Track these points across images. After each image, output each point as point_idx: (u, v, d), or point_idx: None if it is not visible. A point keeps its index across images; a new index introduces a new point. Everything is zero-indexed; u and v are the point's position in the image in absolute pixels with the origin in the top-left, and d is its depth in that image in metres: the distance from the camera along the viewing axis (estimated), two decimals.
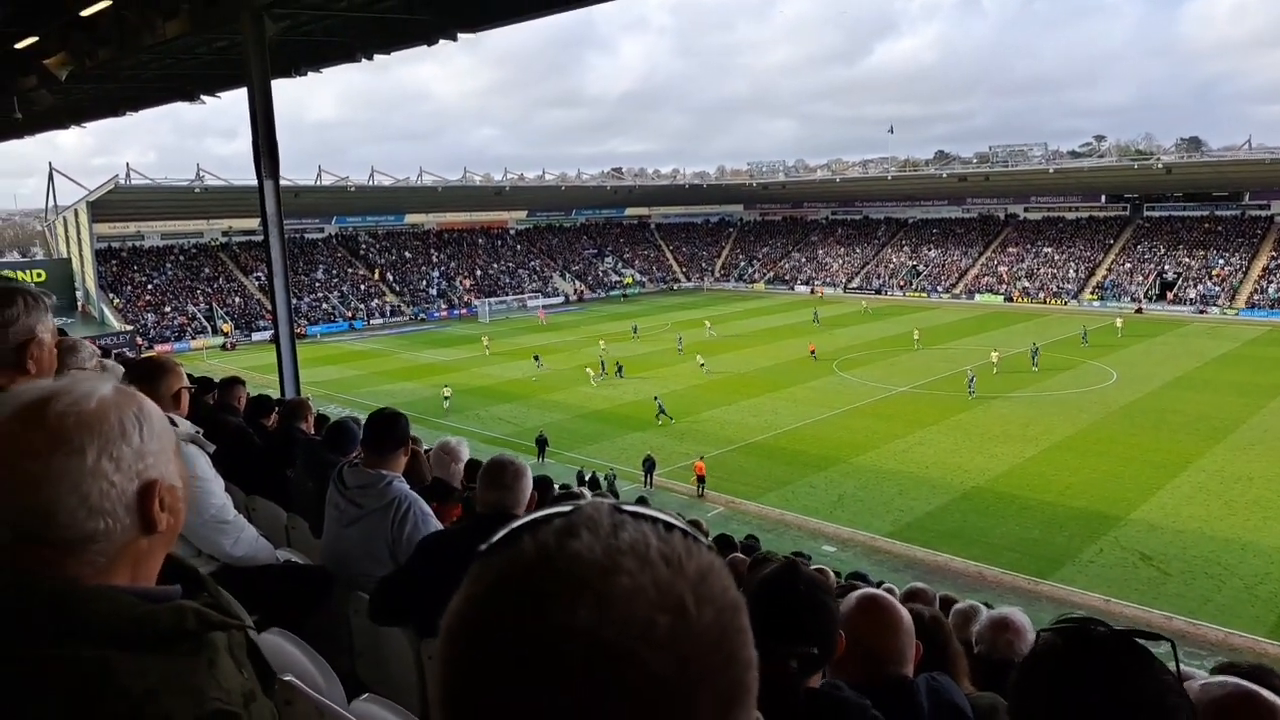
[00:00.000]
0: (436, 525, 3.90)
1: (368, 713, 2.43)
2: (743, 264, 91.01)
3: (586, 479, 26.94)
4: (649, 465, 28.65)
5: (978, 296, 72.67)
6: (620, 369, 44.33)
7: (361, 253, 77.00)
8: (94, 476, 1.13)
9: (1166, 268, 68.34)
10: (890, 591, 6.88)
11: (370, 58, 19.49)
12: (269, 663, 1.44)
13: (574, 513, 0.66)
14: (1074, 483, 27.44)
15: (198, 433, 3.69)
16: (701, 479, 27.87)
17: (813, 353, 48.47)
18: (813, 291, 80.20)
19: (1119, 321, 55.12)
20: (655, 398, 37.15)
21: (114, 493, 1.15)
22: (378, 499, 3.88)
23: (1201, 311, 62.39)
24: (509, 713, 0.58)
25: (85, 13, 16.34)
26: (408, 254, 79.09)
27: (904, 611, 2.66)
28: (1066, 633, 1.48)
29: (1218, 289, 64.25)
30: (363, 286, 72.83)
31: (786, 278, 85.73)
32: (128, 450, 1.17)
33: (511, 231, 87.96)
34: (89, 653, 1.05)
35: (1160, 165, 68.27)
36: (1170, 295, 65.57)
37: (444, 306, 73.42)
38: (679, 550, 0.63)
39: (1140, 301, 65.42)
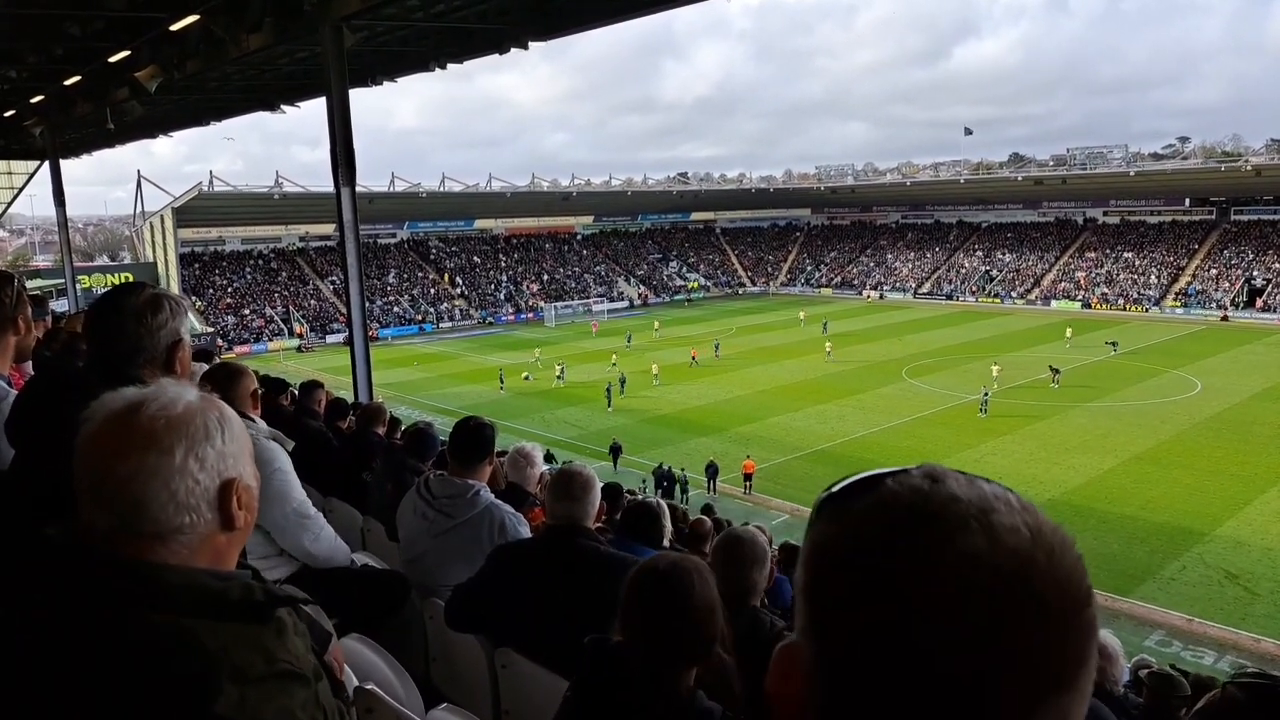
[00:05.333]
0: (529, 532, 3.94)
1: None
2: (809, 268, 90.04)
3: (663, 476, 27.40)
4: (712, 471, 28.56)
5: (1054, 303, 70.64)
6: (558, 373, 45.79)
7: (432, 257, 78.39)
8: (181, 474, 1.23)
9: (1255, 273, 65.55)
10: None
11: (444, 66, 19.88)
12: (340, 673, 1.50)
13: (921, 467, 0.70)
14: (1155, 496, 26.49)
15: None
16: (748, 477, 28.35)
17: (694, 358, 48.58)
18: (881, 297, 79.01)
19: (1069, 332, 53.10)
20: (612, 382, 40.52)
21: (198, 490, 1.25)
22: (468, 509, 3.93)
23: None
24: (904, 628, 0.61)
25: (175, 27, 17.02)
26: (476, 258, 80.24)
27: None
28: (1252, 690, 1.41)
29: None
30: (432, 290, 74.17)
31: (854, 282, 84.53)
32: (211, 451, 1.26)
33: (578, 236, 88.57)
34: (168, 618, 1.14)
35: (1249, 167, 65.49)
36: (1259, 302, 62.88)
37: (511, 311, 74.33)
38: (1030, 504, 0.68)
39: (1226, 309, 62.87)
